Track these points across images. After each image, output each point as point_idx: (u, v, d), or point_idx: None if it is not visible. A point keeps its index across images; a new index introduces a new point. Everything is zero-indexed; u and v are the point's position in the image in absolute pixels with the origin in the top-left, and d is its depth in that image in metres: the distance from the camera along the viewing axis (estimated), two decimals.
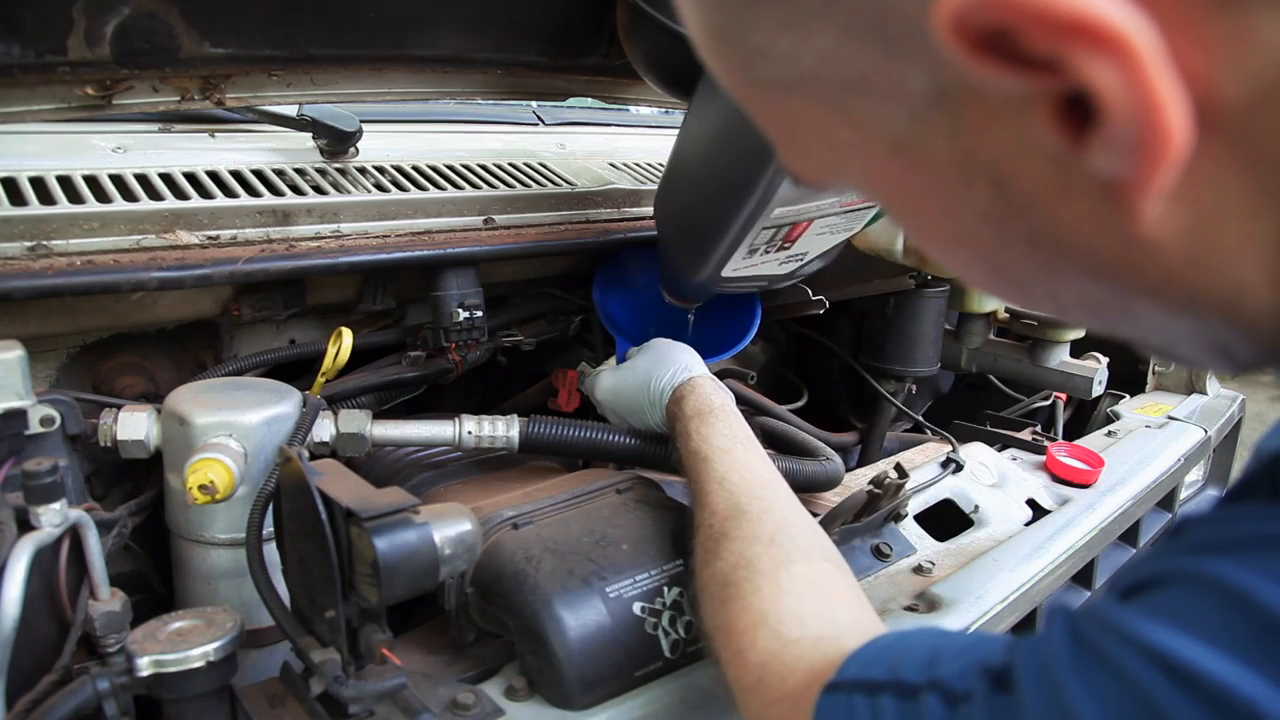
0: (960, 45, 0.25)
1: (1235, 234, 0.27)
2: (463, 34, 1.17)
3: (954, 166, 0.30)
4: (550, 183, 1.26)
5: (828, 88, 0.32)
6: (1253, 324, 0.30)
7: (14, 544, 0.61)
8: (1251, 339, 0.31)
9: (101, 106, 0.96)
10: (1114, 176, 0.27)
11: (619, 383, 1.00)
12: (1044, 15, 0.24)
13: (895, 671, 0.46)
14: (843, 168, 0.36)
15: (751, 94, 0.36)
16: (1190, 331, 0.32)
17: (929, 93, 0.29)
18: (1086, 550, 1.03)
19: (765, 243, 0.98)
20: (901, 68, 0.29)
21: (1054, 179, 0.28)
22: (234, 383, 0.89)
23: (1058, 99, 0.26)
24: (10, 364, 0.70)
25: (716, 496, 0.74)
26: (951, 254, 0.36)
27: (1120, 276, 0.30)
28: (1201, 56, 0.24)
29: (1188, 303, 0.30)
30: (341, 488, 0.59)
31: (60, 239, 0.86)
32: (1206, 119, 0.25)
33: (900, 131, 0.31)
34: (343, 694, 0.60)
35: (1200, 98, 0.25)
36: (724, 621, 0.63)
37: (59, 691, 0.59)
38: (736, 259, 0.98)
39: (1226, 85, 0.25)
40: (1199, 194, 0.27)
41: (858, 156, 0.34)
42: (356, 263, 0.99)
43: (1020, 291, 0.35)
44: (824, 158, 0.36)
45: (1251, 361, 0.32)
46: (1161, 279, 0.29)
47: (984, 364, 1.55)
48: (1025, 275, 0.34)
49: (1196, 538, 0.35)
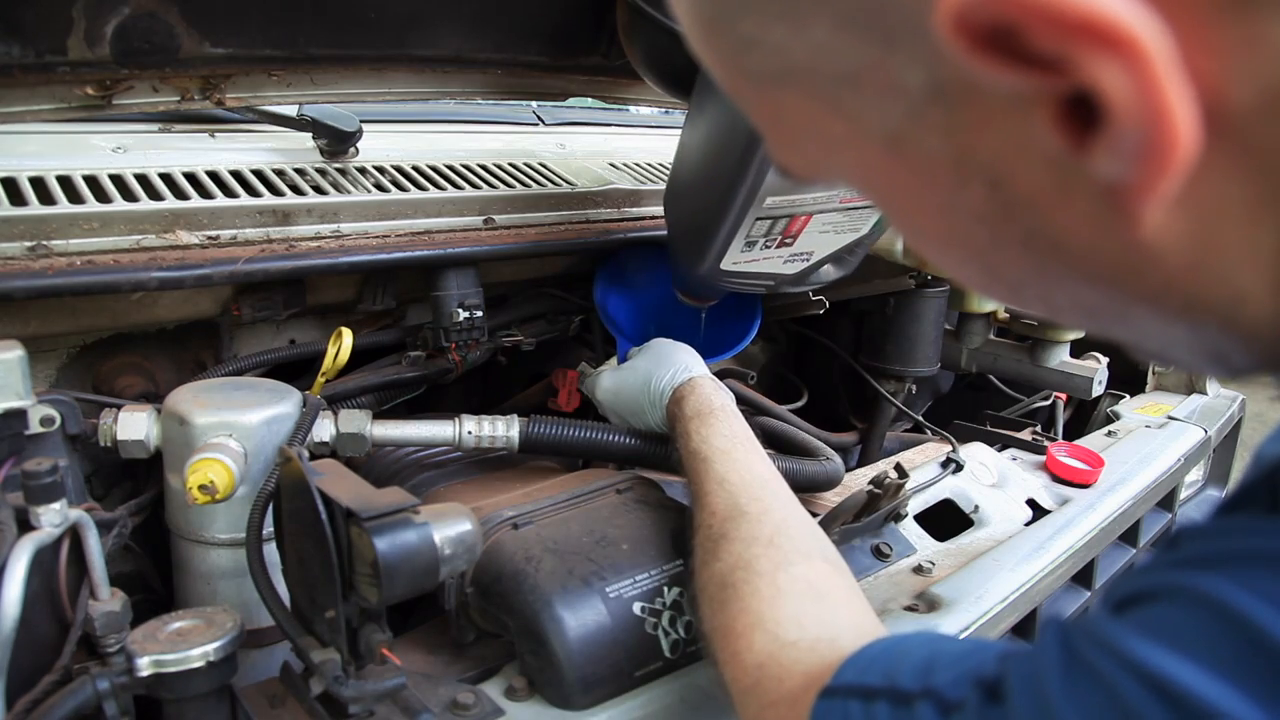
0: (962, 42, 0.25)
1: (1236, 241, 0.27)
2: (463, 34, 1.17)
3: (950, 165, 0.30)
4: (550, 183, 1.26)
5: (820, 81, 0.31)
6: (1251, 331, 0.29)
7: (14, 544, 0.61)
8: (1249, 346, 0.30)
9: (101, 106, 0.96)
10: (1116, 181, 0.26)
11: (619, 383, 1.00)
12: (1051, 13, 0.23)
13: (890, 678, 0.46)
14: (834, 162, 0.35)
15: (740, 85, 0.35)
16: (1187, 338, 0.31)
17: (926, 89, 0.28)
18: (1086, 550, 1.03)
19: (763, 236, 0.97)
20: (898, 62, 0.28)
21: (1053, 181, 0.28)
22: (234, 383, 0.89)
23: (1061, 100, 0.25)
24: (10, 364, 0.70)
25: (716, 497, 0.74)
26: (944, 253, 0.35)
27: (1117, 282, 0.30)
28: (1211, 59, 0.24)
29: (1185, 309, 0.29)
30: (341, 488, 0.59)
31: (60, 239, 0.86)
32: (1213, 124, 0.24)
33: (895, 128, 0.30)
34: (343, 694, 0.60)
35: (1208, 102, 0.24)
36: (722, 623, 0.63)
37: (59, 691, 0.59)
38: (735, 251, 0.98)
39: (1235, 89, 0.24)
40: (1201, 200, 0.26)
41: (850, 151, 0.33)
42: (356, 263, 0.99)
43: (1013, 293, 0.35)
44: (814, 152, 0.36)
45: (1248, 368, 0.32)
46: (1160, 285, 0.29)
47: (984, 364, 1.55)
48: (1019, 277, 0.33)
49: (1191, 550, 0.35)
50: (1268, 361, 0.31)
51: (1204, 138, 0.24)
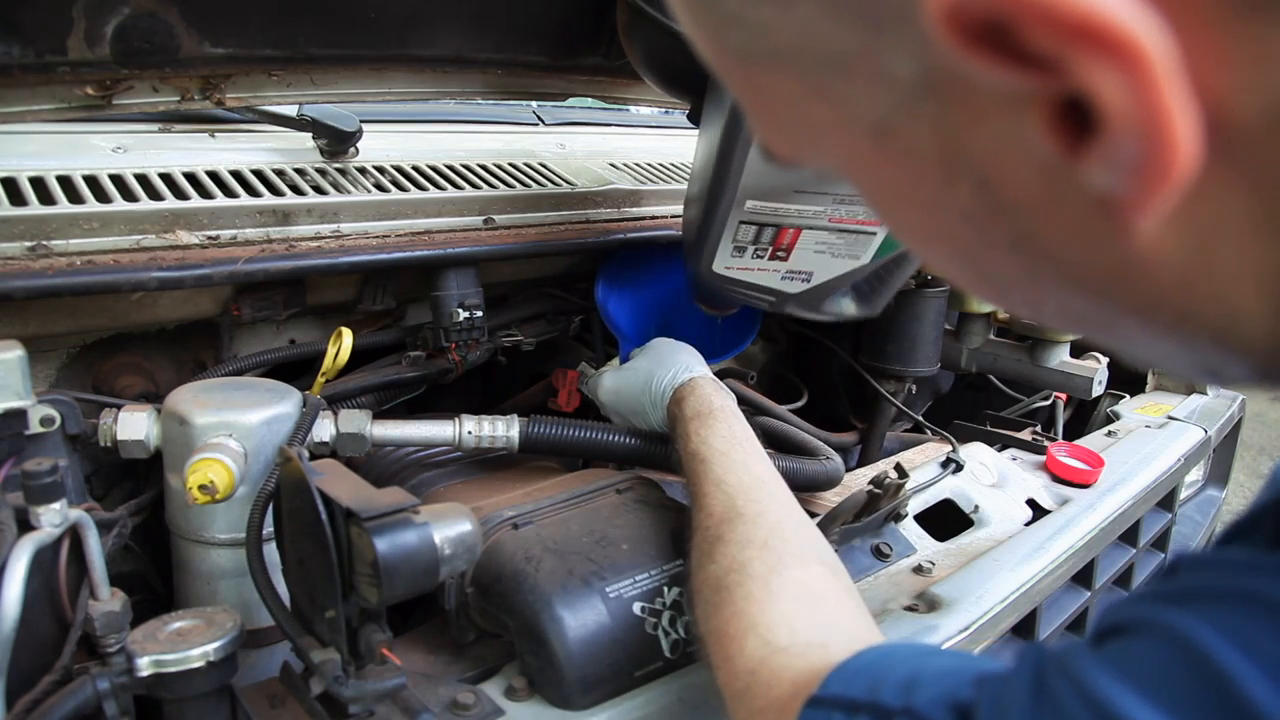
0: (953, 36, 0.23)
1: (1234, 260, 0.25)
2: (463, 34, 1.17)
3: (938, 161, 0.28)
4: (550, 183, 1.26)
5: (806, 64, 0.29)
6: (1246, 349, 0.28)
7: (14, 544, 0.61)
8: (1243, 362, 0.29)
9: (101, 106, 0.96)
10: (1109, 193, 0.25)
11: (621, 383, 1.00)
12: (1047, 12, 0.21)
13: (874, 692, 0.47)
14: (819, 147, 0.34)
15: (725, 63, 0.33)
16: (1178, 350, 0.30)
17: (916, 80, 0.26)
18: (1086, 550, 1.03)
19: (751, 242, 0.98)
20: (888, 51, 0.26)
21: (1044, 186, 0.26)
22: (234, 383, 0.89)
23: (1055, 102, 0.24)
24: (10, 364, 0.70)
25: (713, 499, 0.74)
26: (930, 249, 0.34)
27: (1107, 292, 0.29)
28: (1218, 69, 0.22)
29: (1177, 324, 0.28)
30: (341, 488, 0.59)
31: (60, 239, 0.86)
32: (1215, 137, 0.23)
33: (882, 118, 0.28)
34: (343, 694, 0.60)
35: (1212, 114, 0.23)
36: (716, 626, 0.63)
37: (59, 691, 0.59)
38: (725, 254, 0.99)
39: (1242, 102, 0.23)
40: (1199, 215, 0.25)
41: (835, 138, 0.32)
42: (356, 263, 0.99)
43: (1000, 294, 0.34)
44: (799, 135, 0.34)
45: (1242, 381, 0.31)
46: (1151, 299, 0.28)
47: (984, 364, 1.55)
48: (1007, 279, 0.32)
49: (1182, 583, 0.35)
50: (1263, 375, 0.30)
51: (1205, 152, 0.23)
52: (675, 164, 1.51)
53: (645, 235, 1.24)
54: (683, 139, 1.74)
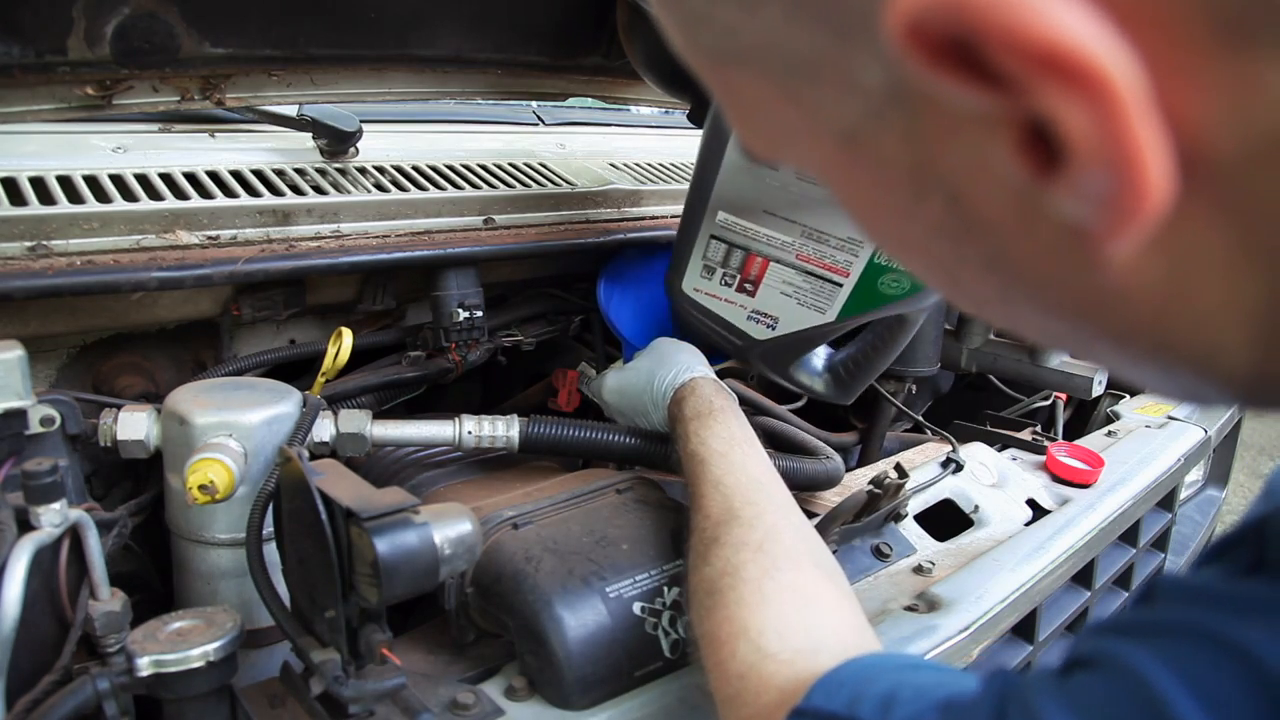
0: (916, 51, 0.22)
1: (1213, 293, 0.24)
2: (463, 34, 1.17)
3: (908, 172, 0.27)
4: (550, 183, 1.26)
5: (773, 67, 0.28)
6: (1226, 379, 0.27)
7: (14, 544, 0.61)
8: (1223, 389, 0.28)
9: (101, 106, 0.96)
10: (1079, 223, 0.23)
11: (623, 383, 1.00)
12: (1009, 36, 0.20)
13: (852, 708, 0.47)
14: (791, 148, 0.33)
15: (698, 61, 0.32)
16: (1158, 376, 0.29)
17: (884, 90, 0.25)
18: (1086, 550, 1.03)
19: (720, 263, 0.99)
20: (855, 59, 0.25)
21: (1014, 208, 0.25)
22: (234, 383, 0.89)
23: (1023, 124, 0.22)
24: (10, 364, 0.70)
25: (710, 500, 0.74)
26: (907, 259, 0.33)
27: (1083, 316, 0.27)
28: (1195, 101, 0.21)
29: (1155, 352, 0.27)
30: (341, 488, 0.59)
31: (60, 239, 0.86)
32: (1192, 169, 0.22)
33: (852, 125, 0.27)
34: (343, 694, 0.60)
35: (1188, 147, 0.21)
36: (708, 630, 0.63)
37: (59, 691, 0.59)
38: (694, 272, 1.00)
39: (1221, 135, 0.21)
40: (1176, 247, 0.24)
41: (806, 142, 0.31)
42: (357, 263, 0.99)
43: (978, 308, 0.32)
44: (773, 135, 0.33)
45: (1224, 405, 0.31)
46: (1127, 326, 0.26)
47: (984, 364, 1.55)
48: (983, 294, 0.31)
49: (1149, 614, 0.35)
50: (1244, 401, 0.29)
51: (1181, 184, 0.22)
52: (675, 164, 1.51)
53: (645, 235, 1.24)
54: (683, 139, 1.74)
